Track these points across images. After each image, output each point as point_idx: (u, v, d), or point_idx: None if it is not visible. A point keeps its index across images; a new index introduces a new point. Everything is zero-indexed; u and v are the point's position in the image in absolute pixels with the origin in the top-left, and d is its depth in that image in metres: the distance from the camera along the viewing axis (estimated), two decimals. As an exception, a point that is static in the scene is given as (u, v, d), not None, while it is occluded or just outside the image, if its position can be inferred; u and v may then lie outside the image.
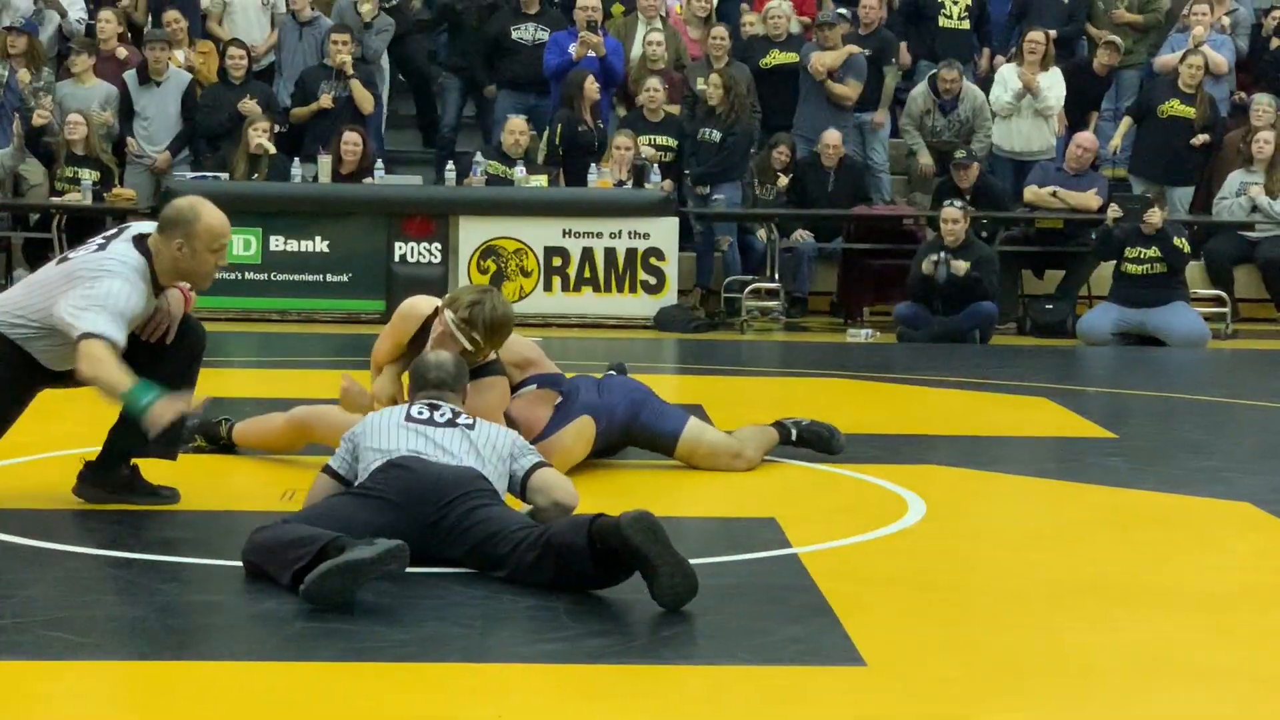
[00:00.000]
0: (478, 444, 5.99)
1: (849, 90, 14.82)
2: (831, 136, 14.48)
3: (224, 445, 7.69)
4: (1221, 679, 4.77)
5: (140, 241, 6.32)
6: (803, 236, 14.42)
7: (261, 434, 7.74)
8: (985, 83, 15.37)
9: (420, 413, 6.07)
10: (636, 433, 7.68)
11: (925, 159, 15.08)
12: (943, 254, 12.95)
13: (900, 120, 15.46)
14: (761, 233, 14.48)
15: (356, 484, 5.87)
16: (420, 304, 7.29)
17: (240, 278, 13.50)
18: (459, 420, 6.07)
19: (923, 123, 15.19)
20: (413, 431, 5.96)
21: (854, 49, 14.87)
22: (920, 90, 15.28)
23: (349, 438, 6.10)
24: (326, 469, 6.12)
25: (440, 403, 6.14)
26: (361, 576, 5.12)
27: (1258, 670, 4.87)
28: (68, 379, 6.45)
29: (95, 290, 6.15)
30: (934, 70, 15.15)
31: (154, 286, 6.31)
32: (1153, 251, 13.31)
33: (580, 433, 7.44)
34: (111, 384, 6.06)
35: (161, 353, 6.49)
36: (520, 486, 6.03)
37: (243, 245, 13.47)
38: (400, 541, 5.21)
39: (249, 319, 13.38)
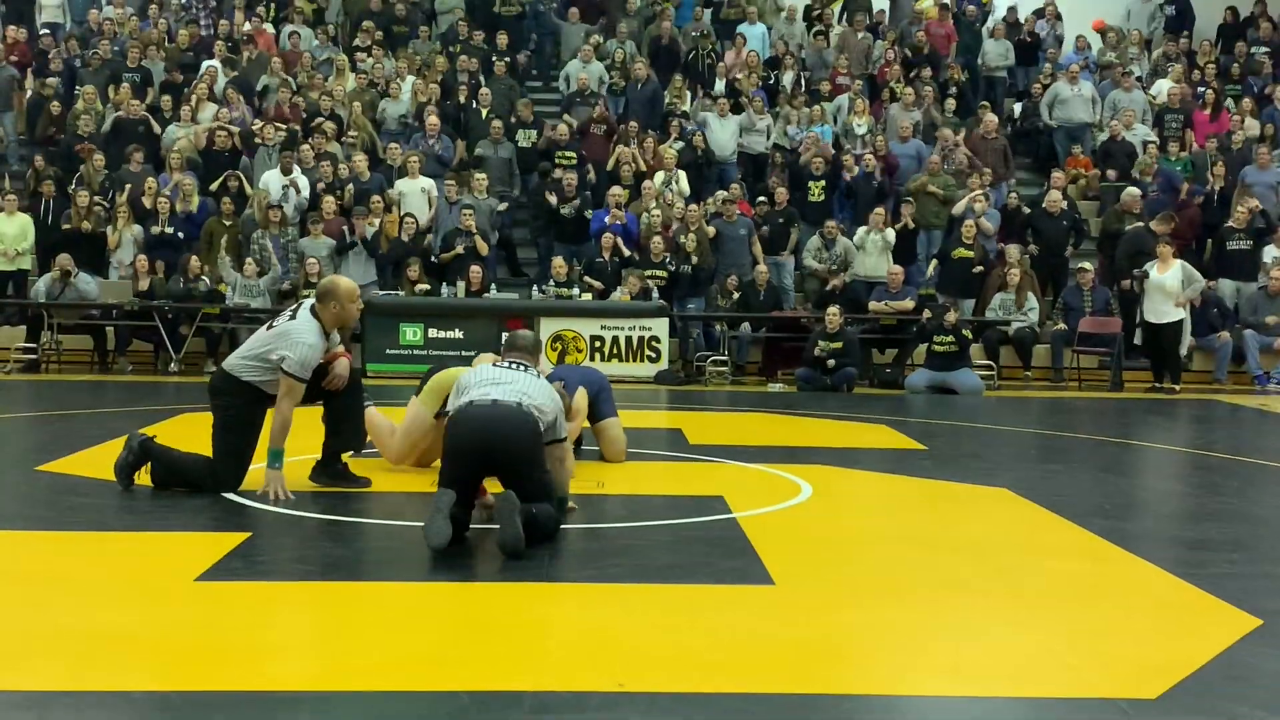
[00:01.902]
0: (538, 387, 5.55)
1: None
2: (761, 272, 14.66)
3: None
4: (974, 574, 4.87)
5: (312, 309, 6.40)
6: (744, 328, 14.52)
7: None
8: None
9: (510, 365, 5.67)
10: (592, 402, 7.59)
11: (819, 272, 15.17)
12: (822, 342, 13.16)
13: (802, 255, 15.43)
14: (719, 326, 14.56)
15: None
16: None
17: (411, 354, 13.64)
18: (530, 371, 5.66)
19: (817, 254, 15.21)
20: (500, 370, 5.59)
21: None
22: (813, 239, 15.36)
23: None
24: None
25: (523, 362, 5.72)
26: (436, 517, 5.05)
27: (1007, 585, 4.95)
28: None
29: (297, 348, 6.22)
30: (821, 227, 15.30)
31: (324, 334, 6.36)
32: (950, 338, 13.46)
33: (581, 394, 7.44)
34: (284, 419, 6.18)
35: (338, 394, 6.61)
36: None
37: (412, 334, 13.62)
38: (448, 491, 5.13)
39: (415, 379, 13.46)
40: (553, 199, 15.34)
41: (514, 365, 5.65)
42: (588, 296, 14.25)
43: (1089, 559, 5.40)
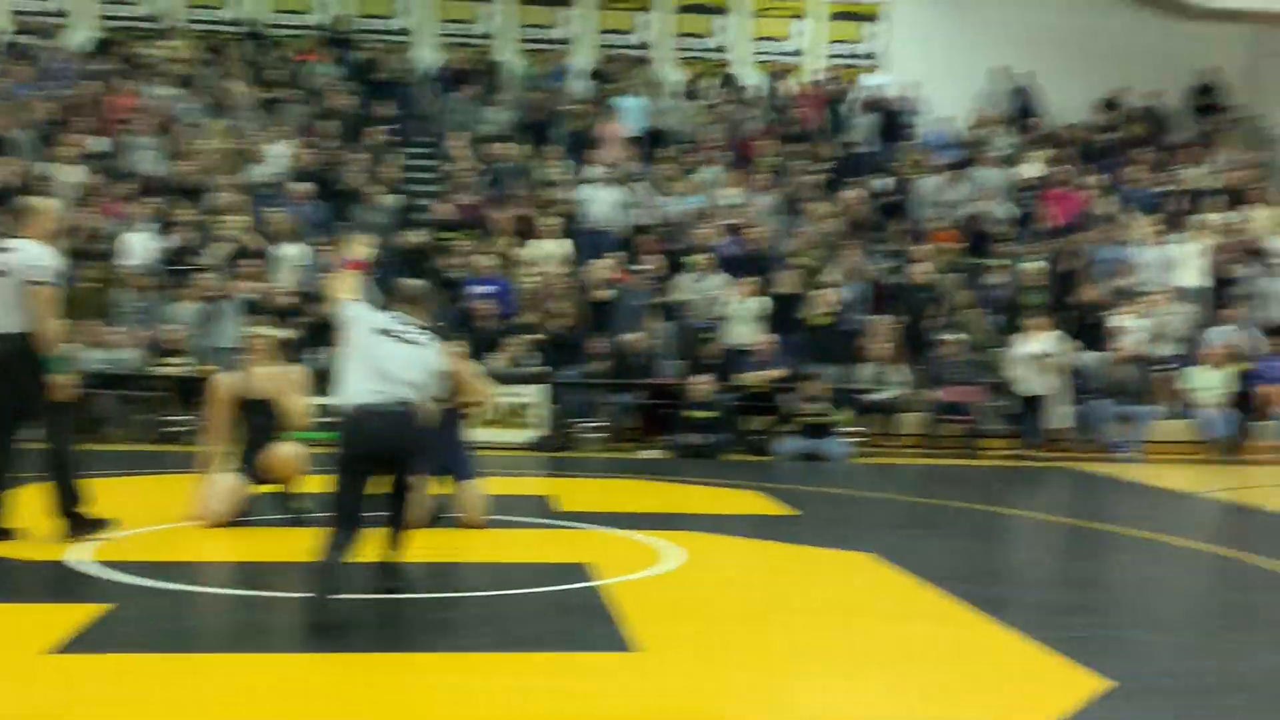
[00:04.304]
0: (425, 359, 5.52)
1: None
2: (636, 338, 14.68)
3: None
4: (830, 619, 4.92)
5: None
6: (623, 395, 14.51)
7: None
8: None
9: (390, 325, 5.54)
10: None
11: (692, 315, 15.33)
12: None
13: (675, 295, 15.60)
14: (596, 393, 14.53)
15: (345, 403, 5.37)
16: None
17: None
18: (417, 337, 5.55)
19: (688, 288, 15.38)
20: (385, 340, 5.44)
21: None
22: (686, 277, 15.50)
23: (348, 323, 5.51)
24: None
25: (409, 319, 5.61)
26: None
27: (865, 650, 5.00)
28: None
29: (36, 264, 6.58)
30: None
31: (50, 248, 6.68)
32: (817, 408, 13.60)
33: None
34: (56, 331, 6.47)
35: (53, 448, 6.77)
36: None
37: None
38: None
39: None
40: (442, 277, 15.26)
41: (407, 331, 5.52)
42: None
43: (947, 623, 5.54)
